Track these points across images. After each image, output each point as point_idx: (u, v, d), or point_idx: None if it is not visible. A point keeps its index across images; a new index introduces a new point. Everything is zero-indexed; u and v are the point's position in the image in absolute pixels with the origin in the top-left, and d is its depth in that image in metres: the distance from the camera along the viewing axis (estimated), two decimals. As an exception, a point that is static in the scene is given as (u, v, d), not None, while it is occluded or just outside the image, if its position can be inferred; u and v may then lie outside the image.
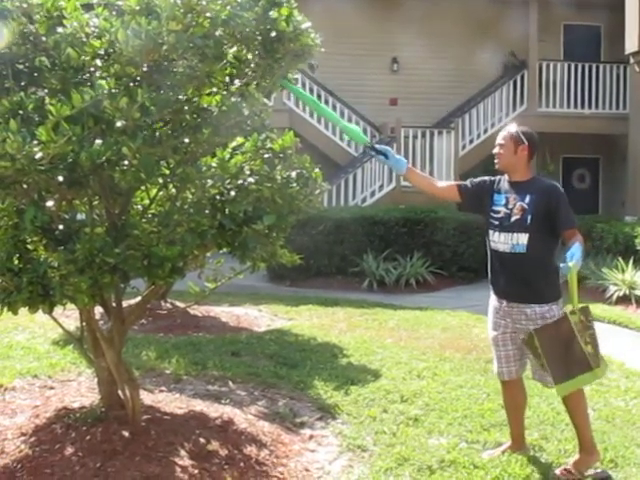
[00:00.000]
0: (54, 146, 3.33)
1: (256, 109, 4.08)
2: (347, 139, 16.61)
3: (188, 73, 3.73)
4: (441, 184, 5.18)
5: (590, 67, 17.45)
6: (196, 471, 4.24)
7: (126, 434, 4.41)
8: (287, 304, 10.45)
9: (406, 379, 6.51)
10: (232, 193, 3.88)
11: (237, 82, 4.15)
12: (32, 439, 4.52)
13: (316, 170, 4.38)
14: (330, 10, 16.07)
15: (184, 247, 3.67)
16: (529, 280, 4.59)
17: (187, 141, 3.82)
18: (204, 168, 3.89)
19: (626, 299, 11.27)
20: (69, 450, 4.30)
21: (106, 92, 3.44)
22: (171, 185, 4.14)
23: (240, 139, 4.21)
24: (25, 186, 3.76)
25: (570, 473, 4.54)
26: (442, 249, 13.34)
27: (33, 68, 3.83)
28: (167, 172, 3.83)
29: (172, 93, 3.71)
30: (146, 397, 5.07)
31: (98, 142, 3.46)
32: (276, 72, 4.16)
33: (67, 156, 3.44)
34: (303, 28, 4.23)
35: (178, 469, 4.23)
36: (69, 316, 7.41)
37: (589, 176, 18.98)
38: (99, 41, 3.72)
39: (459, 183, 5.06)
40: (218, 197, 3.91)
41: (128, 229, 3.75)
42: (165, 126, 3.84)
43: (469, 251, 13.25)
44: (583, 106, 17.38)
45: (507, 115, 16.94)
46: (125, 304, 4.61)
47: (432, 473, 4.56)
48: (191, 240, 3.71)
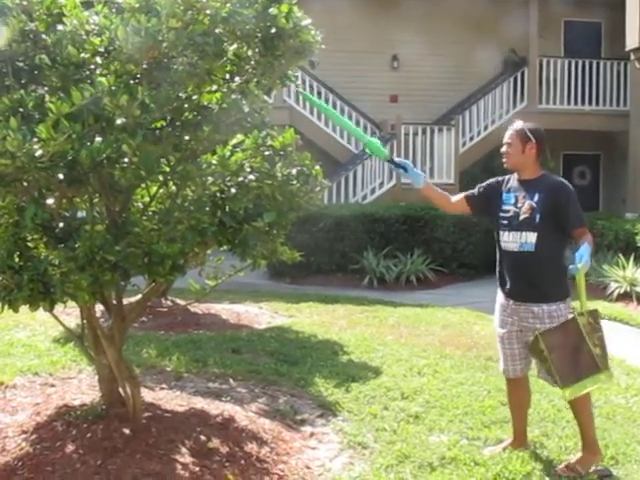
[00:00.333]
0: (54, 144, 3.32)
1: (256, 106, 4.08)
2: (347, 136, 16.62)
3: (188, 70, 3.73)
4: (454, 198, 5.09)
5: (590, 64, 17.45)
6: (197, 468, 4.24)
7: (127, 432, 4.41)
8: (287, 301, 10.45)
9: (407, 376, 6.51)
10: (232, 190, 3.88)
11: (237, 79, 4.14)
12: (33, 437, 4.52)
13: (316, 167, 4.38)
14: (330, 7, 16.06)
15: (184, 244, 3.67)
16: (537, 279, 4.57)
17: (187, 138, 3.81)
18: (204, 165, 3.88)
19: (627, 296, 11.28)
20: (70, 448, 4.31)
21: (106, 89, 3.43)
22: (171, 182, 4.13)
23: (240, 136, 4.20)
24: (25, 184, 3.76)
25: (572, 471, 4.53)
26: (442, 246, 13.35)
27: (33, 66, 3.82)
28: (167, 169, 3.83)
29: (172, 90, 3.70)
30: (147, 395, 5.07)
31: (98, 140, 3.45)
32: (276, 69, 4.16)
33: (67, 154, 3.44)
34: (303, 25, 4.22)
35: (179, 466, 4.23)
36: (70, 314, 7.40)
37: (590, 173, 18.98)
38: (99, 38, 3.72)
39: (467, 193, 5.03)
40: (218, 194, 3.91)
41: (129, 227, 3.75)
42: (165, 124, 3.84)
43: (469, 248, 13.27)
44: (583, 103, 17.38)
45: (507, 112, 16.93)
46: (125, 302, 4.61)
47: (433, 470, 4.56)
48: (191, 237, 3.71)
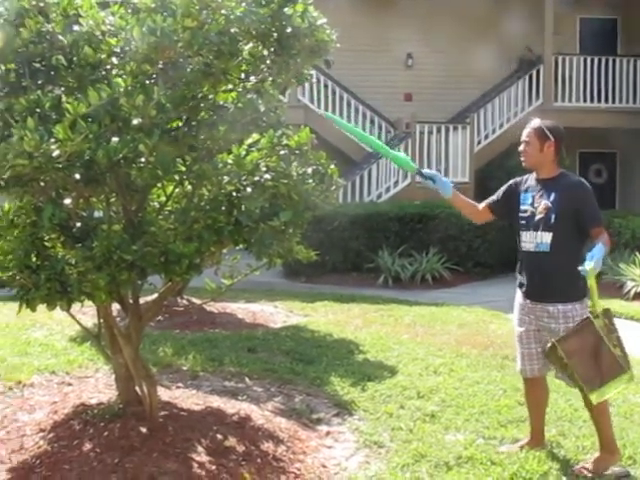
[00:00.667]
0: (71, 144, 3.34)
1: (272, 105, 4.08)
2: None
3: (204, 70, 3.74)
4: (480, 207, 5.04)
5: (606, 61, 17.33)
6: (213, 467, 4.25)
7: (144, 430, 4.42)
8: (303, 300, 10.45)
9: (423, 375, 6.50)
10: (248, 190, 3.88)
11: (253, 79, 4.15)
12: (50, 435, 4.54)
13: (332, 166, 4.38)
14: (344, 6, 16.04)
15: (201, 244, 3.69)
16: (552, 279, 4.55)
17: (203, 138, 3.82)
18: (220, 165, 3.89)
19: (643, 295, 11.22)
20: (87, 446, 4.33)
21: (122, 90, 3.46)
22: (187, 182, 4.15)
23: (256, 136, 4.21)
24: (42, 184, 3.78)
25: (589, 471, 4.51)
26: (458, 244, 13.31)
27: (50, 66, 3.84)
28: (183, 169, 3.84)
29: (188, 90, 3.72)
30: (163, 393, 5.08)
31: (115, 140, 3.47)
32: (292, 68, 4.17)
33: (84, 154, 3.46)
34: (318, 24, 4.23)
35: (195, 465, 4.24)
36: (86, 313, 7.42)
37: (606, 171, 18.87)
38: (115, 39, 3.74)
39: (489, 201, 4.98)
40: (234, 194, 3.91)
41: (145, 226, 3.76)
42: (181, 123, 3.85)
43: (485, 246, 13.22)
44: (599, 100, 17.27)
45: (522, 110, 16.86)
46: (142, 301, 4.63)
47: (449, 469, 4.55)
48: (208, 237, 3.72)
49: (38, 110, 3.54)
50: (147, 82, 3.63)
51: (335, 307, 10.09)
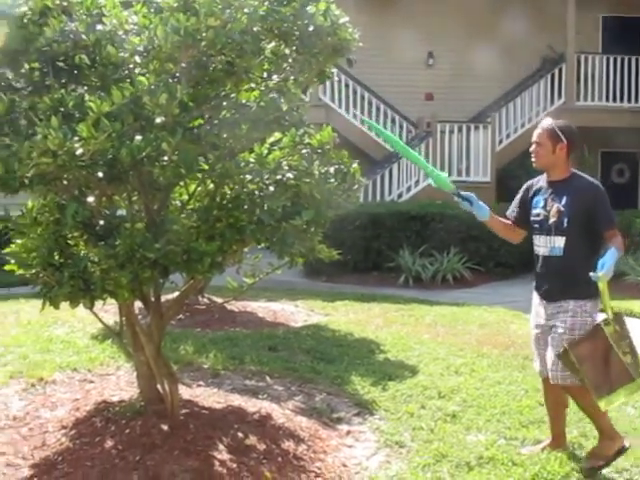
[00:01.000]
0: (94, 142, 3.36)
1: (294, 104, 4.08)
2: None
3: (226, 69, 3.75)
4: (509, 223, 4.96)
5: (629, 60, 17.20)
6: (234, 465, 4.26)
7: (165, 428, 4.44)
8: (323, 299, 10.45)
9: (444, 375, 6.48)
10: (270, 188, 3.89)
11: (275, 77, 4.16)
12: (72, 432, 4.57)
13: (354, 165, 4.37)
14: (365, 4, 16.04)
15: (223, 242, 3.70)
16: (566, 282, 4.52)
17: (225, 137, 3.82)
18: (242, 164, 3.90)
19: (666, 295, 11.11)
20: (109, 443, 4.35)
21: (146, 88, 3.47)
22: (209, 181, 4.15)
23: (278, 135, 4.21)
24: (66, 182, 3.80)
25: (598, 460, 4.53)
26: (479, 245, 13.24)
27: (73, 65, 3.87)
28: (206, 167, 3.84)
29: (211, 89, 3.73)
30: (184, 391, 5.10)
31: (138, 138, 3.48)
32: (314, 67, 4.17)
33: (107, 152, 3.48)
34: (340, 22, 4.24)
35: (217, 463, 4.25)
36: (107, 311, 7.43)
37: (628, 170, 18.74)
38: (138, 38, 3.75)
39: (511, 217, 4.91)
40: (257, 192, 3.92)
41: (168, 224, 3.77)
42: (203, 122, 3.86)
43: (506, 247, 13.10)
44: (622, 100, 17.15)
45: (544, 109, 16.76)
46: (163, 299, 4.64)
47: (470, 470, 4.54)
48: (230, 235, 3.73)
49: (62, 109, 3.56)
50: (170, 81, 3.64)
51: (356, 306, 10.08)
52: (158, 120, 3.53)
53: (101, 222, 3.81)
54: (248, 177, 3.90)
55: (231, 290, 5.22)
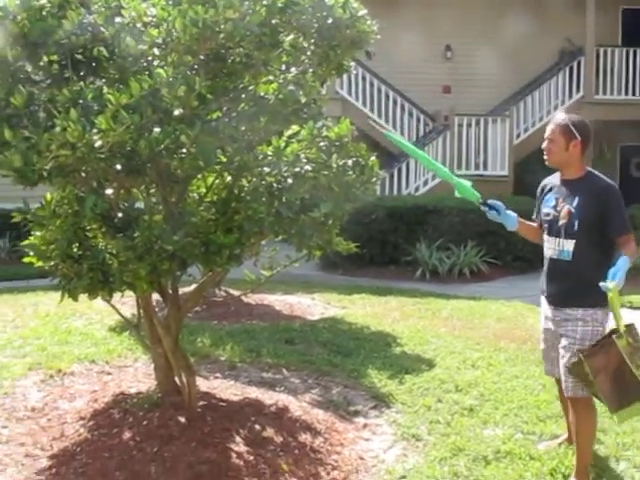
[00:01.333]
0: (113, 134, 3.37)
1: (312, 97, 4.07)
2: (400, 128, 16.54)
3: (245, 61, 3.74)
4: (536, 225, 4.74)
5: (649, 53, 17.08)
6: (251, 457, 4.27)
7: (182, 420, 4.46)
8: (340, 293, 10.44)
9: (460, 369, 6.47)
10: (289, 181, 3.88)
11: (293, 70, 4.15)
12: (91, 423, 4.60)
13: (372, 158, 4.36)
14: (383, -2, 15.99)
15: (241, 234, 3.70)
16: (574, 287, 4.27)
17: (244, 129, 3.82)
18: (261, 156, 3.90)
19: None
20: (127, 435, 4.37)
21: (164, 81, 3.47)
22: (227, 173, 4.16)
23: (295, 127, 4.21)
24: (84, 174, 3.82)
25: None
26: (496, 238, 13.15)
27: (91, 58, 3.87)
28: (224, 160, 3.84)
29: (229, 81, 3.72)
30: (201, 383, 5.11)
31: (156, 130, 3.49)
32: (332, 59, 4.16)
33: (126, 144, 3.48)
34: (359, 15, 4.22)
35: (234, 455, 4.27)
36: (125, 303, 7.47)
37: (647, 164, 18.61)
38: (157, 30, 3.75)
39: (538, 220, 4.68)
40: (275, 185, 3.92)
41: (186, 217, 3.78)
42: (221, 114, 3.86)
43: (523, 241, 13.04)
44: (642, 93, 17.03)
45: (563, 103, 16.67)
46: (180, 291, 4.65)
47: (487, 464, 4.53)
48: (248, 227, 3.73)
49: (81, 101, 3.56)
50: (188, 73, 3.63)
51: (372, 300, 10.07)
52: (176, 112, 3.53)
53: (119, 214, 3.83)
54: (266, 170, 3.90)
55: (248, 282, 5.24)
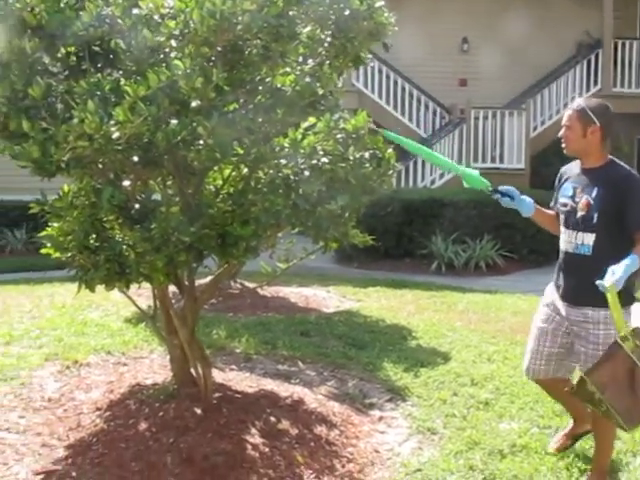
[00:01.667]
0: (131, 126, 3.37)
1: (329, 89, 4.06)
2: (416, 120, 16.50)
3: (262, 53, 3.73)
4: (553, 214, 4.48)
5: (668, 45, 16.95)
6: (267, 449, 4.28)
7: (198, 411, 4.47)
8: (355, 285, 10.44)
9: (476, 362, 6.45)
10: (306, 173, 3.88)
11: (310, 62, 4.13)
12: (107, 414, 4.62)
13: (389, 150, 4.35)
14: (400, -10, 15.92)
15: (258, 226, 3.69)
16: (595, 287, 3.78)
17: (261, 121, 3.81)
18: (277, 148, 3.89)
19: None
20: (143, 425, 4.39)
21: (182, 72, 3.46)
22: (243, 165, 4.15)
23: (312, 119, 4.20)
24: (101, 166, 3.82)
25: None
26: (513, 232, 13.11)
27: (108, 50, 3.87)
28: (241, 152, 3.84)
29: (246, 73, 3.71)
30: (217, 375, 5.12)
31: (174, 122, 3.49)
32: (349, 51, 4.14)
33: (143, 136, 3.48)
34: (377, 6, 4.20)
35: (249, 447, 4.27)
36: (141, 295, 7.51)
37: (666, 158, 18.48)
38: (174, 22, 3.73)
39: (555, 209, 4.42)
40: (292, 177, 3.91)
41: (203, 208, 3.78)
42: (238, 106, 3.86)
43: (540, 234, 12.97)
44: (660, 86, 16.91)
45: (580, 95, 16.50)
46: (196, 283, 4.66)
47: (503, 457, 4.52)
48: (265, 219, 3.72)
49: (98, 93, 3.56)
50: (206, 65, 3.63)
51: (388, 293, 10.06)
52: (194, 104, 3.53)
53: (136, 206, 3.83)
54: (283, 162, 3.89)
55: (264, 275, 5.24)
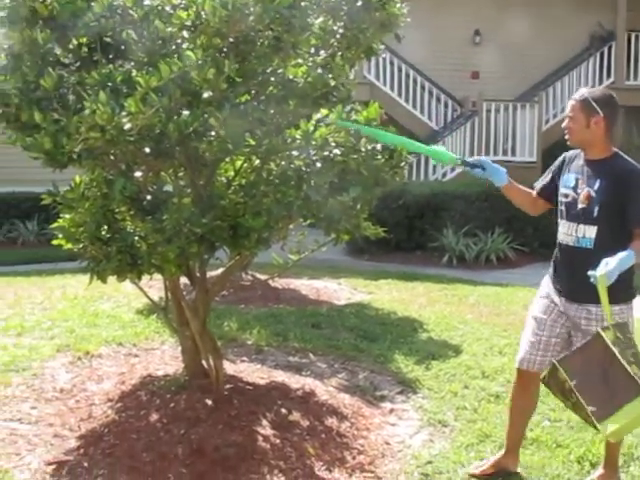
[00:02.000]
0: (142, 117, 3.37)
1: (341, 80, 4.05)
2: (427, 112, 16.46)
3: (274, 44, 3.72)
4: (534, 193, 4.38)
5: (682, 38, 16.85)
6: (278, 441, 4.28)
7: (209, 402, 4.47)
8: (366, 278, 10.43)
9: (487, 355, 6.44)
10: (318, 165, 3.87)
11: (322, 53, 4.12)
12: (118, 405, 4.63)
13: (401, 142, 4.33)
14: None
15: (270, 218, 3.69)
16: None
17: (272, 112, 3.81)
18: (289, 140, 3.88)
19: None
20: (154, 416, 4.40)
21: (194, 63, 3.46)
22: (255, 157, 4.15)
23: (324, 111, 4.19)
24: (113, 157, 3.83)
25: None
26: (524, 225, 13.07)
27: (120, 41, 3.87)
28: (253, 143, 3.83)
29: (258, 64, 3.71)
30: (228, 367, 5.13)
31: (185, 113, 3.49)
32: (362, 42, 4.13)
33: (155, 127, 3.49)
34: (389, -3, 4.19)
35: (260, 438, 4.28)
36: (152, 286, 7.51)
37: (678, 151, 18.38)
38: (186, 12, 3.73)
39: (538, 188, 4.34)
40: (304, 169, 3.90)
41: (215, 200, 3.78)
42: (250, 97, 3.85)
43: (552, 227, 12.93)
44: (673, 79, 16.82)
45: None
46: (207, 275, 4.66)
47: (514, 450, 4.51)
48: (277, 211, 3.72)
49: (110, 84, 3.57)
50: (218, 56, 3.63)
51: (399, 285, 10.05)
52: (205, 95, 3.53)
53: (148, 197, 3.84)
54: (295, 153, 3.88)
55: (275, 267, 5.23)
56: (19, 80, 3.70)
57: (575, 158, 4.13)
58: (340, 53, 4.16)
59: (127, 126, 3.38)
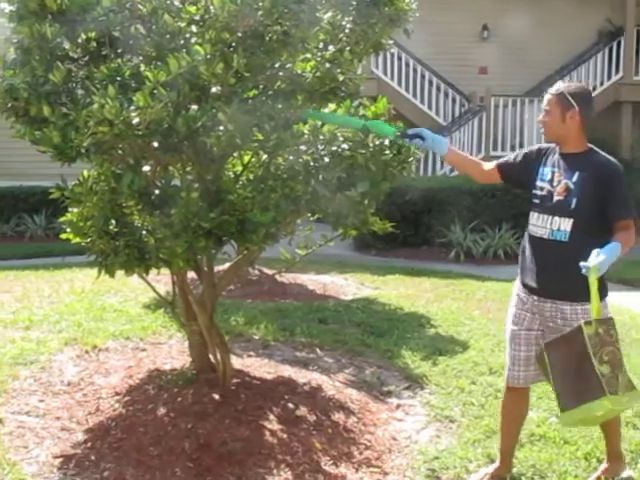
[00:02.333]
0: (151, 111, 3.37)
1: (349, 75, 4.04)
2: (435, 107, 16.43)
3: (282, 39, 3.72)
4: (487, 166, 4.25)
5: (691, 33, 16.78)
6: (285, 436, 4.29)
7: (216, 397, 4.49)
8: (373, 273, 10.41)
9: (494, 351, 6.42)
10: (326, 159, 3.87)
11: (331, 48, 4.12)
12: (126, 399, 4.65)
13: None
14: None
15: (278, 213, 3.69)
16: (571, 275, 3.63)
17: (280, 107, 3.80)
18: (297, 134, 3.88)
19: None
20: (161, 410, 4.41)
21: (202, 58, 3.46)
22: (263, 151, 4.15)
23: (332, 106, 4.19)
24: (121, 152, 3.83)
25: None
26: (531, 220, 13.06)
27: (129, 35, 3.87)
28: (261, 138, 3.83)
29: (266, 59, 3.70)
30: (235, 361, 5.13)
31: (194, 108, 3.49)
32: (370, 37, 4.12)
33: (163, 121, 3.49)
34: (397, -8, 4.18)
35: (267, 433, 4.29)
36: (159, 281, 7.52)
37: (686, 147, 18.31)
38: (195, 7, 3.74)
39: (501, 162, 4.22)
40: (312, 163, 3.90)
41: (223, 194, 3.78)
42: (258, 92, 3.85)
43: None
44: (682, 75, 16.75)
45: (601, 84, 16.46)
46: (215, 270, 4.66)
47: (521, 447, 4.49)
48: (285, 206, 3.72)
49: (118, 78, 3.58)
50: (226, 50, 3.62)
51: (406, 281, 10.03)
52: (214, 90, 3.54)
53: (156, 191, 3.84)
54: (303, 148, 3.88)
55: (282, 262, 5.23)
56: (28, 74, 3.71)
57: (550, 152, 4.04)
58: (349, 48, 4.14)
59: (135, 120, 3.38)
